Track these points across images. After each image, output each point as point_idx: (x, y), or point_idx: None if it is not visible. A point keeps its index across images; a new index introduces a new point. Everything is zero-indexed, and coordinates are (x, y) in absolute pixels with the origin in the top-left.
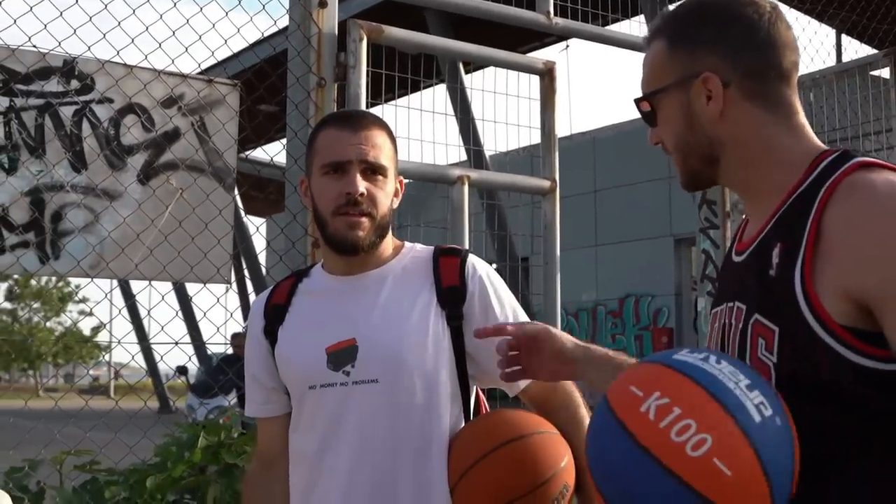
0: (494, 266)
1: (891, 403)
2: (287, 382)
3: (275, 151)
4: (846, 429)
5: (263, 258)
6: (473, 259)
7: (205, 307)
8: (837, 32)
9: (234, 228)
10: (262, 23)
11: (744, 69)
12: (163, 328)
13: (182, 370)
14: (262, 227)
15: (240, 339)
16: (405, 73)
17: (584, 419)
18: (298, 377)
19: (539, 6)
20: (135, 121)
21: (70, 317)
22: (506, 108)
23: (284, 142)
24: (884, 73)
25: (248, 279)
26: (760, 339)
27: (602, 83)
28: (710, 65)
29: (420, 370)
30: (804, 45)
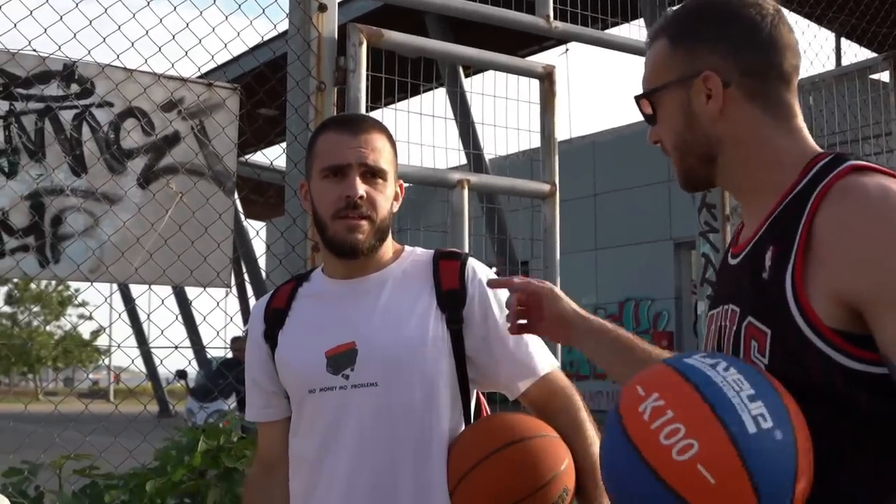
0: (494, 270)
1: (883, 406)
2: (287, 386)
3: (275, 155)
4: (840, 431)
5: (263, 262)
6: (473, 262)
7: (205, 311)
8: (837, 36)
9: (234, 232)
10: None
11: (744, 69)
12: (162, 332)
13: (182, 374)
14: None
15: (239, 343)
16: (405, 77)
17: (585, 422)
18: (298, 381)
19: (539, 10)
20: (135, 125)
21: (70, 321)
22: (505, 112)
23: (284, 145)
24: (883, 77)
25: (248, 283)
26: (753, 342)
27: (602, 87)
28: (711, 64)
29: (420, 373)
30: (804, 49)
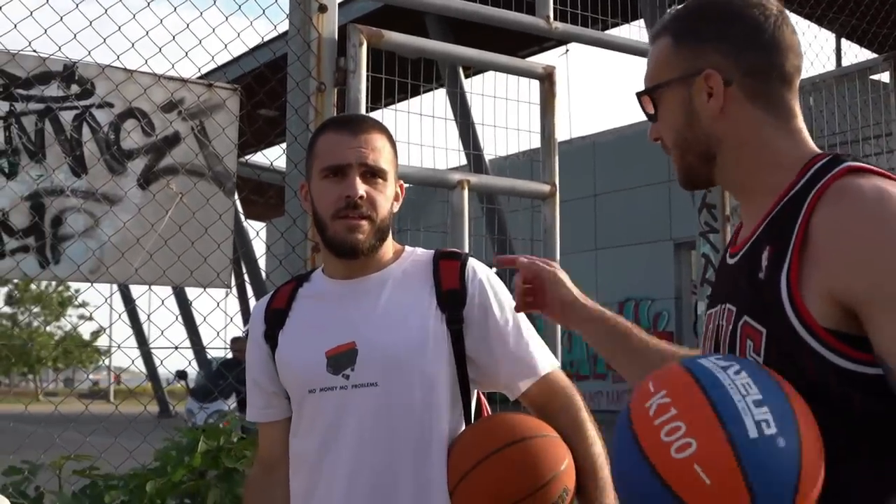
0: (494, 270)
1: (876, 406)
2: (287, 386)
3: (275, 156)
4: (834, 431)
5: (263, 263)
6: (473, 262)
7: (205, 311)
8: (837, 37)
9: (234, 233)
10: (262, 27)
11: (746, 68)
12: (162, 333)
13: (182, 374)
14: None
15: (239, 344)
16: (405, 78)
17: (585, 422)
18: (298, 381)
19: (539, 11)
20: (135, 125)
21: (70, 321)
22: (506, 113)
23: (284, 146)
24: (884, 78)
25: (248, 284)
26: (749, 341)
27: (602, 87)
28: (714, 63)
29: (420, 373)
30: (804, 50)
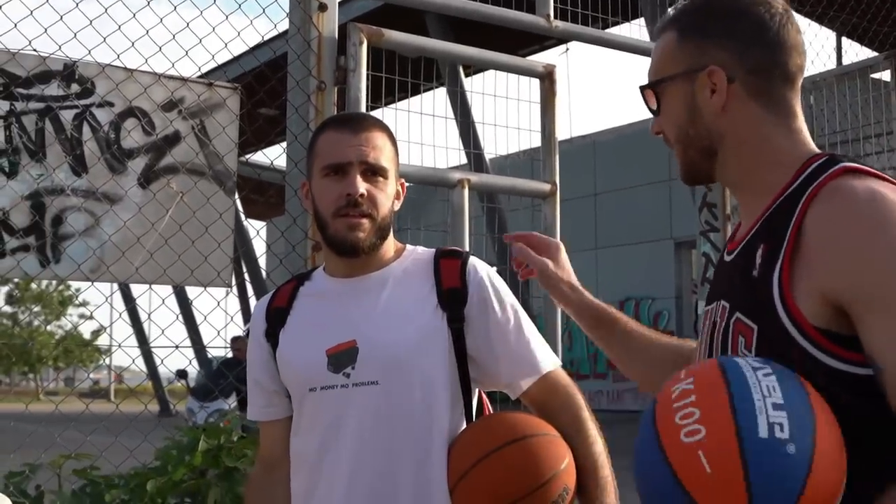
0: (495, 269)
1: (865, 406)
2: (288, 385)
3: (275, 155)
4: None
5: (264, 262)
6: (474, 261)
7: (205, 311)
8: (838, 35)
9: (235, 232)
10: (263, 26)
11: (750, 66)
12: (163, 332)
13: (182, 374)
14: (263, 231)
15: (240, 343)
16: (405, 77)
17: (586, 421)
18: (299, 379)
19: (539, 9)
20: (135, 124)
21: (70, 320)
22: (506, 112)
23: (285, 145)
24: (884, 76)
25: (249, 283)
26: (741, 337)
27: (602, 86)
28: (718, 59)
29: (420, 372)
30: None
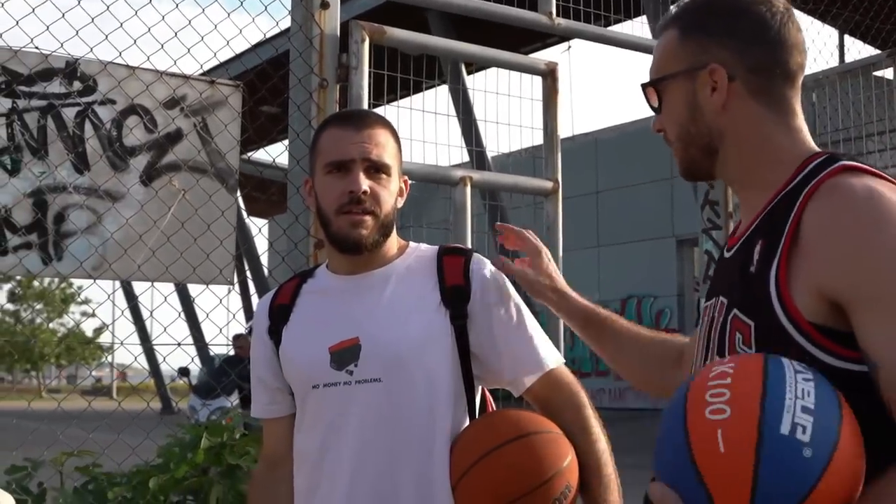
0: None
1: (859, 404)
2: (291, 382)
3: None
4: None
5: (266, 259)
6: (478, 258)
7: (207, 308)
8: (840, 33)
9: (237, 230)
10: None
11: (751, 64)
12: (165, 329)
13: (184, 371)
14: (265, 229)
15: (242, 341)
16: (407, 75)
17: (590, 418)
18: (302, 377)
19: (541, 7)
20: (137, 122)
21: (73, 318)
22: (508, 109)
23: (286, 143)
24: (887, 74)
25: (251, 280)
26: (738, 334)
27: (604, 84)
28: (720, 58)
29: (423, 369)
30: (807, 46)
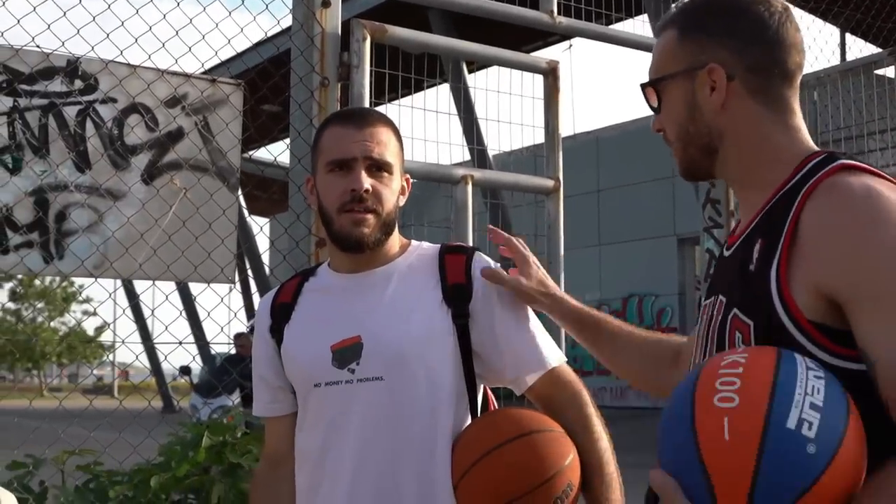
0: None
1: (858, 402)
2: (293, 380)
3: (278, 151)
4: None
5: (267, 258)
6: (480, 257)
7: (208, 307)
8: (842, 31)
9: (238, 228)
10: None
11: (750, 64)
12: (166, 328)
13: (186, 370)
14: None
15: (243, 339)
16: (408, 73)
17: (592, 417)
18: (303, 375)
19: (542, 5)
20: (138, 120)
21: (74, 317)
22: (509, 108)
23: (288, 141)
24: (888, 72)
25: (252, 279)
26: (738, 333)
27: (606, 82)
28: (718, 57)
29: (425, 368)
30: (808, 44)
